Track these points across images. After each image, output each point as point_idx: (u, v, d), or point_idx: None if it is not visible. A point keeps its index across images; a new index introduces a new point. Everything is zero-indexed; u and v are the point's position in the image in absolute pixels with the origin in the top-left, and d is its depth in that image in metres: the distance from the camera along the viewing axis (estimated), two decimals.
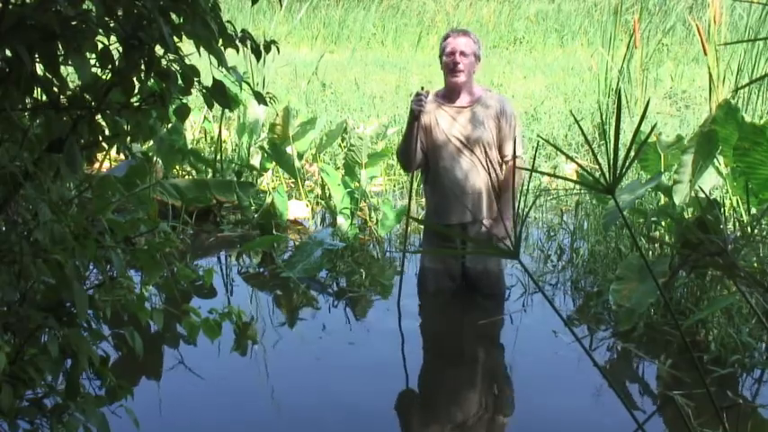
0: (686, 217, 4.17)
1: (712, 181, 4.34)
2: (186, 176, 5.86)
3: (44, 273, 1.73)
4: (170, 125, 4.98)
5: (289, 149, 5.68)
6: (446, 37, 4.07)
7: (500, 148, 4.09)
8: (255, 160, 6.07)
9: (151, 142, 5.06)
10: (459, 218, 4.12)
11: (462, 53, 3.95)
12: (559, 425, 3.24)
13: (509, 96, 4.36)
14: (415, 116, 4.00)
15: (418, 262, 4.59)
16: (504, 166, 4.12)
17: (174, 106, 1.99)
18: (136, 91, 1.83)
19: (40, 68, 1.72)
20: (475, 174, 4.06)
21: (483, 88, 4.19)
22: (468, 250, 4.02)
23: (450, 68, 3.99)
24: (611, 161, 1.33)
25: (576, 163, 1.37)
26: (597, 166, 5.88)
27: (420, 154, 4.13)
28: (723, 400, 3.31)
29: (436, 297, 4.32)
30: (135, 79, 1.81)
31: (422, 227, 5.13)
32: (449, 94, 4.09)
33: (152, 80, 1.85)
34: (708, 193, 4.21)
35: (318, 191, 6.03)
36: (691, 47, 11.40)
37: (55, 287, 1.79)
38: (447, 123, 4.06)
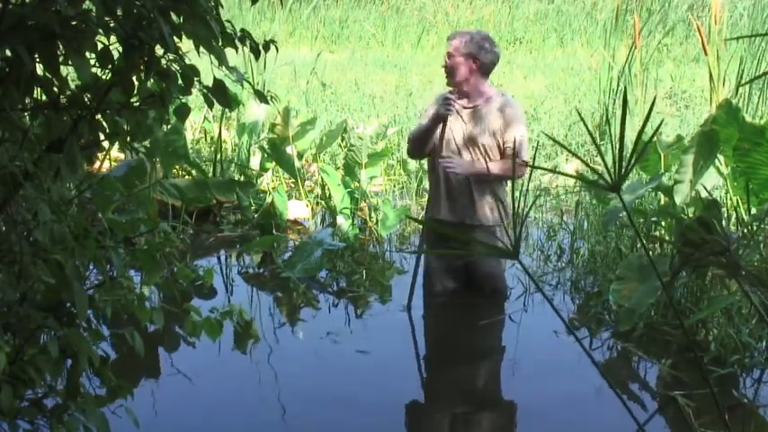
0: (688, 217, 4.17)
1: (713, 181, 4.34)
2: (186, 176, 5.86)
3: (44, 273, 1.73)
4: (170, 125, 4.97)
5: (289, 149, 5.67)
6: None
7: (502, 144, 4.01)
8: (255, 160, 6.07)
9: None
10: (446, 215, 4.12)
11: (449, 54, 3.99)
12: (560, 425, 3.23)
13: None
14: (441, 119, 4.00)
15: (422, 262, 4.56)
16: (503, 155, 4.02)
17: (174, 106, 1.99)
18: (136, 91, 1.83)
19: (39, 68, 1.71)
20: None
21: (497, 92, 4.13)
22: (468, 251, 4.01)
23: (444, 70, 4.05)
24: (617, 158, 1.33)
25: (581, 160, 1.37)
26: (600, 166, 5.89)
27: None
28: (724, 401, 3.31)
29: (439, 297, 4.31)
30: (135, 79, 1.80)
31: (422, 227, 5.12)
32: (459, 95, 4.09)
33: (152, 80, 1.84)
34: (709, 193, 4.21)
35: (318, 191, 6.03)
36: (691, 47, 11.40)
37: (55, 287, 1.79)
38: (452, 121, 4.05)
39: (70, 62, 1.63)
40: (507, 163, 4.00)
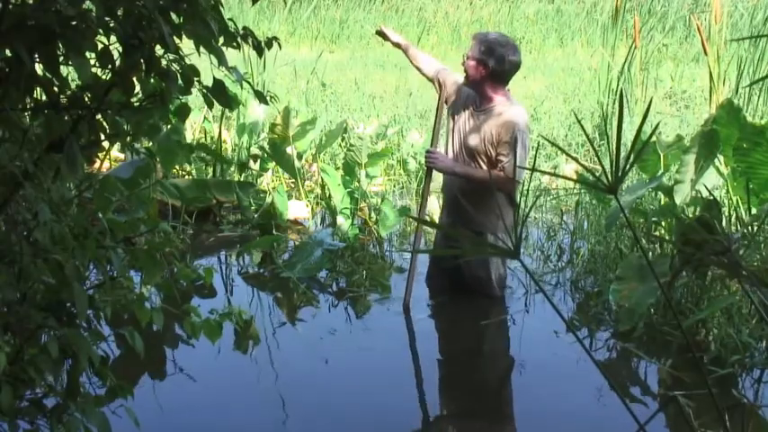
0: (688, 217, 4.17)
1: (713, 181, 4.34)
2: (186, 176, 5.85)
3: (44, 273, 1.73)
4: (170, 125, 4.96)
5: (289, 149, 5.67)
6: None
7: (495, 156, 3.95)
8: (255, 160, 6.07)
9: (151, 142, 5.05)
10: (441, 212, 4.31)
11: (466, 56, 3.94)
12: (560, 425, 3.24)
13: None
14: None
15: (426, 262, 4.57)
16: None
17: (174, 106, 1.99)
18: (136, 91, 1.83)
19: (39, 68, 1.71)
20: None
21: (507, 101, 3.99)
22: (465, 251, 4.00)
23: None
24: (614, 161, 1.33)
25: (580, 163, 1.36)
26: (599, 167, 5.88)
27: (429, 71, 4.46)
28: (724, 401, 3.31)
29: (440, 296, 4.32)
30: (135, 79, 1.81)
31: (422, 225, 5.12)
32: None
33: (152, 80, 1.84)
34: (710, 193, 4.21)
35: (318, 191, 6.03)
36: (691, 47, 11.38)
37: (55, 287, 1.79)
38: (458, 117, 4.10)
39: (70, 62, 1.63)
40: (493, 173, 3.92)
